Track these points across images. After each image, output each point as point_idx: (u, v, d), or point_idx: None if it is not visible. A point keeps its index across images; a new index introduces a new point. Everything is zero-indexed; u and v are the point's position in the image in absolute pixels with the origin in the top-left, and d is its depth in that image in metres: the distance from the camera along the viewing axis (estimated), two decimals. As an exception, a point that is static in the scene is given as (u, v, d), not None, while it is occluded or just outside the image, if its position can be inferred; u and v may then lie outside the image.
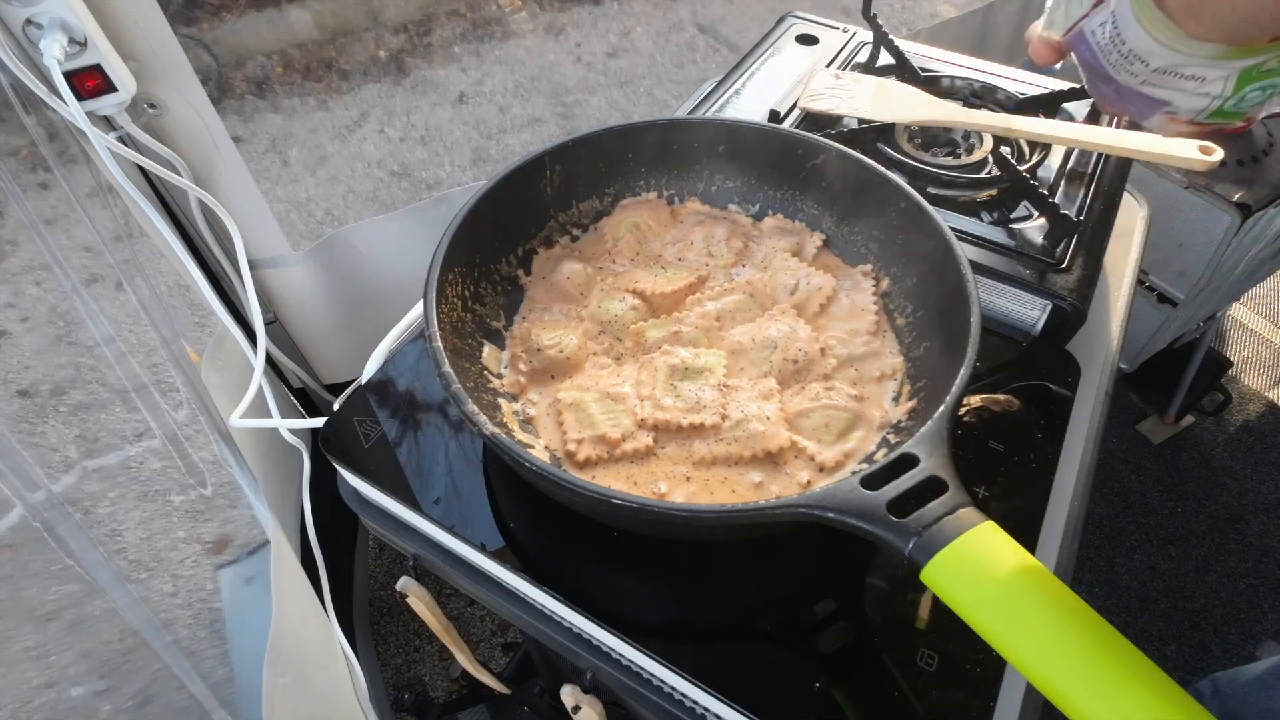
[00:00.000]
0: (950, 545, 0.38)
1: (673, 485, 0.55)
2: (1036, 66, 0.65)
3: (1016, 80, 0.89)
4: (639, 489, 0.55)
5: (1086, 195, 0.76)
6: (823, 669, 0.50)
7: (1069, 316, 0.67)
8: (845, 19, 1.02)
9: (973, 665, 0.50)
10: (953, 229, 0.58)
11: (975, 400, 0.65)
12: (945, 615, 0.38)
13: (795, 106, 0.85)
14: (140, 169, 0.81)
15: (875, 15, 0.91)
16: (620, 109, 2.59)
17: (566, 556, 0.57)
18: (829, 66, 0.93)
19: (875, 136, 0.79)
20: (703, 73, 2.74)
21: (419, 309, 0.69)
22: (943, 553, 0.38)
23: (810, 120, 0.84)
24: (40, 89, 0.66)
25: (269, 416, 0.89)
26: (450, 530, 0.56)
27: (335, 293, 1.10)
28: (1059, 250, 0.70)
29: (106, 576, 0.72)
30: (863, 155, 0.65)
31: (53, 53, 0.65)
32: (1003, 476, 0.60)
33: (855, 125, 0.82)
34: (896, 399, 0.59)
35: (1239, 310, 1.97)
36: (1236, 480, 1.62)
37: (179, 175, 0.83)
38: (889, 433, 0.57)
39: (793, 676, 0.50)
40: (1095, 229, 0.73)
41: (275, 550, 0.84)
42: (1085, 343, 0.70)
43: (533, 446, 0.57)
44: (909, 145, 0.80)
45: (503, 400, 0.59)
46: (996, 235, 0.71)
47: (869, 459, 0.55)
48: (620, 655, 0.53)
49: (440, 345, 0.52)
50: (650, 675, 0.52)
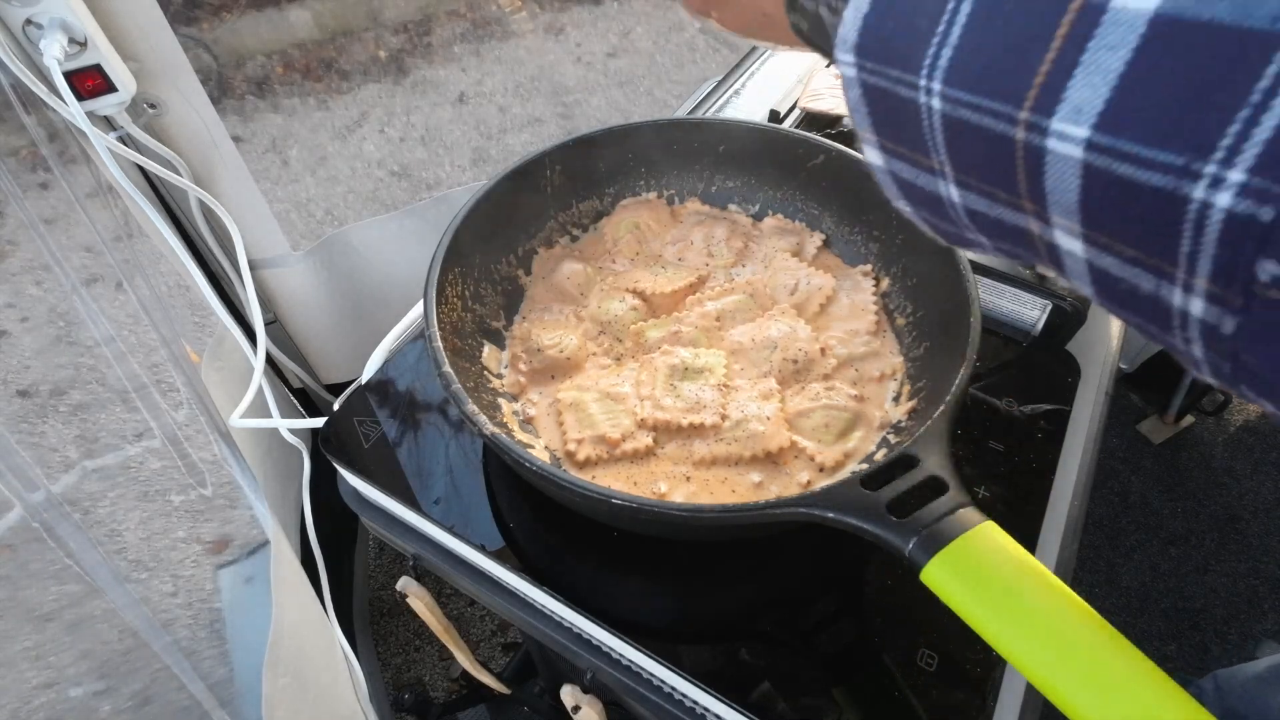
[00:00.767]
0: (950, 545, 0.38)
1: (673, 485, 0.55)
2: None
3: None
4: (639, 489, 0.55)
5: (1087, 195, 0.76)
6: (822, 669, 0.50)
7: (1069, 316, 0.67)
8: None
9: (973, 665, 0.50)
10: (953, 229, 0.58)
11: (975, 400, 0.65)
12: (945, 615, 0.37)
13: (795, 106, 0.85)
14: (140, 169, 0.81)
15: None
16: (620, 109, 2.59)
17: (566, 556, 0.56)
18: (829, 67, 0.93)
19: (875, 136, 0.79)
20: (703, 73, 2.75)
21: (419, 309, 0.69)
22: (943, 553, 0.38)
23: (810, 120, 0.84)
24: (40, 89, 0.66)
25: (269, 416, 0.89)
26: (450, 530, 0.56)
27: (335, 293, 1.10)
28: (1059, 250, 0.70)
29: (106, 576, 0.72)
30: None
31: (53, 53, 0.65)
32: (1003, 476, 0.60)
33: (855, 125, 0.82)
34: (896, 399, 0.59)
35: (1239, 310, 1.97)
36: (1236, 480, 1.62)
37: (179, 175, 0.83)
38: (889, 433, 0.57)
39: (792, 676, 0.50)
40: (1095, 229, 0.73)
41: (275, 550, 0.84)
42: (1085, 343, 0.70)
43: (533, 446, 0.57)
44: (909, 145, 0.79)
45: (503, 400, 0.59)
46: (996, 235, 0.71)
47: (869, 459, 0.55)
48: (620, 655, 0.53)
49: (440, 345, 0.52)
50: (650, 675, 0.52)
